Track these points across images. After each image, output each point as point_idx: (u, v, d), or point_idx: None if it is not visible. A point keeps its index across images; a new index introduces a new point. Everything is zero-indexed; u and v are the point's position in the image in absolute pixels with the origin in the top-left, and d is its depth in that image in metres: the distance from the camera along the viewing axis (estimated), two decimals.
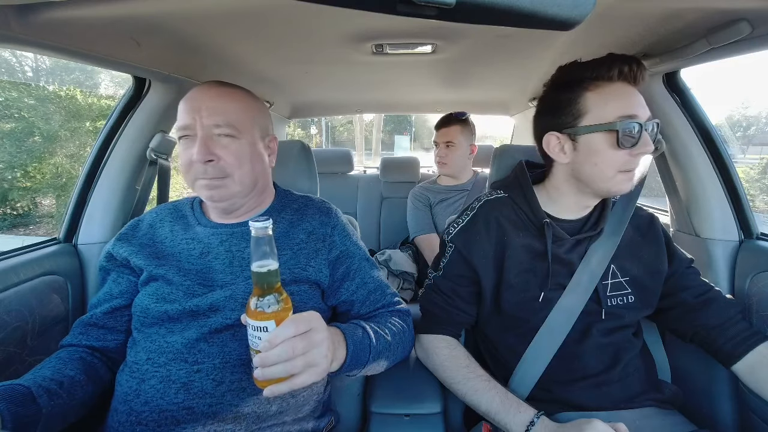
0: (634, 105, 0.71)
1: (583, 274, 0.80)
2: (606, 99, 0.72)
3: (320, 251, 0.80)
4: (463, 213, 0.90)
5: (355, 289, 0.82)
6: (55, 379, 0.66)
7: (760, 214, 5.46)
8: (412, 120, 22.38)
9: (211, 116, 0.72)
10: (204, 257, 0.76)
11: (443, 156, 1.80)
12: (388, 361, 0.77)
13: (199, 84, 0.77)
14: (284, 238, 0.79)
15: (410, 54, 1.07)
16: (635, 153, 0.71)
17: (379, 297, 0.83)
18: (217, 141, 0.73)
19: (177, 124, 0.75)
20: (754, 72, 33.36)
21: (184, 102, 0.75)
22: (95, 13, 0.67)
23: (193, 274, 0.74)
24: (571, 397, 0.78)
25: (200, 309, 0.71)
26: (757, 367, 0.75)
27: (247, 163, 0.75)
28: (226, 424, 0.67)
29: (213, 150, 0.72)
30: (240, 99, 0.77)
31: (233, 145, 0.73)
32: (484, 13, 0.38)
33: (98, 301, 0.79)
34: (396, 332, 0.78)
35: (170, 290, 0.73)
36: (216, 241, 0.77)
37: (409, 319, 0.86)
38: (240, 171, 0.74)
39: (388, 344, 0.75)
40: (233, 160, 0.73)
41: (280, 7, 0.75)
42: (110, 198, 1.07)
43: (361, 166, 3.51)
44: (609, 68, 0.72)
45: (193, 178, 0.74)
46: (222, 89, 0.76)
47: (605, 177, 0.74)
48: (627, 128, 0.70)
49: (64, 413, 0.65)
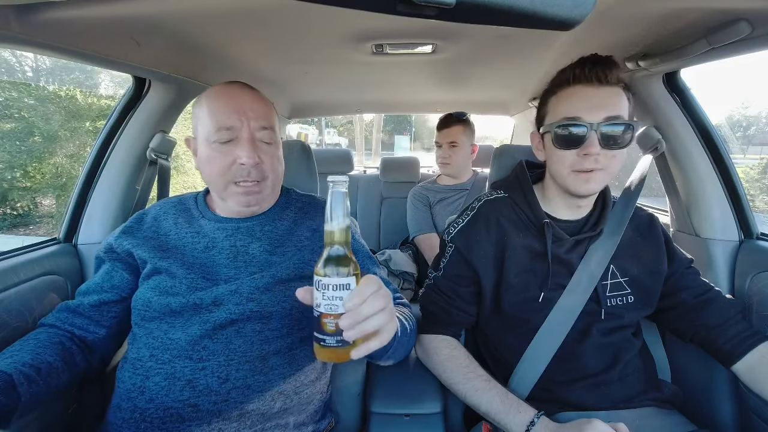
0: (579, 107, 0.73)
1: (582, 274, 0.80)
2: (558, 102, 0.77)
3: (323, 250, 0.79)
4: (463, 213, 0.90)
5: None
6: (33, 365, 0.65)
7: (760, 214, 5.46)
8: (412, 120, 22.39)
9: (257, 119, 0.73)
10: (208, 251, 0.76)
11: (447, 156, 1.80)
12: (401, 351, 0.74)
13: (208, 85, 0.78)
14: (288, 235, 0.80)
15: (410, 54, 1.07)
16: (582, 153, 0.73)
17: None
18: (259, 144, 0.74)
19: (215, 124, 0.72)
20: (755, 72, 33.43)
21: (215, 99, 0.73)
22: (95, 13, 0.67)
23: (197, 268, 0.74)
24: (571, 397, 0.78)
25: (203, 303, 0.70)
26: (757, 367, 0.75)
27: (279, 165, 0.79)
28: (231, 423, 0.67)
29: (258, 152, 0.73)
30: (269, 103, 0.78)
31: (271, 149, 0.76)
32: (484, 13, 0.38)
33: (87, 290, 0.78)
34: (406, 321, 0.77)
35: (173, 283, 0.72)
36: (221, 236, 0.77)
37: (411, 314, 0.85)
38: (273, 174, 0.77)
39: (405, 329, 0.73)
40: (271, 163, 0.75)
41: (280, 7, 0.75)
42: (110, 198, 1.07)
43: (361, 166, 3.51)
44: (567, 72, 0.76)
45: (229, 181, 0.74)
46: (255, 92, 0.77)
47: (561, 175, 0.78)
48: (564, 130, 0.74)
49: (37, 401, 0.64)
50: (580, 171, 0.74)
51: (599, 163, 0.73)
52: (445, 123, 1.80)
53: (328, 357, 0.53)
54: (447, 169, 1.84)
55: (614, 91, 0.74)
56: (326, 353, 0.53)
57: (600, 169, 0.74)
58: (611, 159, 0.74)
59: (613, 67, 0.73)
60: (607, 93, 0.73)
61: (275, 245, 0.78)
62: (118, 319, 0.78)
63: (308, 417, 0.76)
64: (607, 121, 0.72)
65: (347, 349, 0.53)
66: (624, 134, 0.73)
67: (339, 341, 0.52)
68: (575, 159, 0.74)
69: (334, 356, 0.53)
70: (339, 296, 0.51)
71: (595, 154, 0.72)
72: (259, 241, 0.77)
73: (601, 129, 0.72)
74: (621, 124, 0.72)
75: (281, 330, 0.73)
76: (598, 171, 0.74)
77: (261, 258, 0.76)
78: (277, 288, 0.73)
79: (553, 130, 0.76)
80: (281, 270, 0.75)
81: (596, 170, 0.74)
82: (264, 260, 0.76)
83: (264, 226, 0.79)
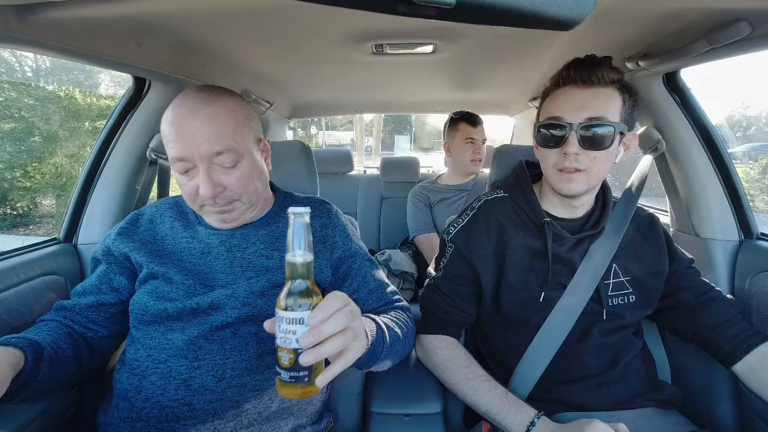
0: (562, 108, 0.75)
1: (585, 273, 0.80)
2: (548, 102, 0.80)
3: (322, 252, 0.80)
4: (463, 213, 0.90)
5: (357, 287, 0.81)
6: (54, 347, 0.65)
7: (760, 214, 5.46)
8: (412, 120, 22.39)
9: (210, 144, 0.65)
10: (205, 257, 0.75)
11: (481, 153, 1.77)
12: (397, 355, 0.74)
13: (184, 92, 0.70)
14: (284, 239, 0.79)
15: (410, 54, 1.07)
16: (562, 153, 0.75)
17: (380, 296, 0.83)
18: (220, 169, 0.68)
19: (169, 153, 0.68)
20: (755, 72, 33.40)
21: (170, 125, 0.67)
22: (95, 13, 0.67)
23: (194, 274, 0.74)
24: (572, 398, 0.78)
25: (201, 307, 0.71)
26: (757, 368, 0.75)
27: (253, 182, 0.72)
28: (227, 422, 0.66)
29: (218, 181, 0.68)
30: (230, 110, 0.69)
31: (237, 172, 0.69)
32: (484, 13, 0.38)
33: (84, 291, 0.78)
34: (402, 326, 0.77)
35: (170, 289, 0.72)
36: (216, 241, 0.77)
37: (410, 316, 0.84)
38: (247, 193, 0.72)
39: (397, 336, 0.73)
40: (239, 185, 0.70)
41: (280, 7, 0.75)
42: (110, 198, 1.07)
43: (361, 166, 3.51)
44: (558, 74, 0.78)
45: (200, 205, 0.72)
46: (210, 108, 0.67)
47: (547, 174, 0.81)
48: (544, 130, 0.77)
49: (44, 388, 0.64)
50: (562, 170, 0.76)
51: (580, 163, 0.74)
52: (476, 120, 1.78)
53: (285, 392, 0.51)
54: (478, 166, 1.80)
55: (601, 92, 0.74)
56: (282, 388, 0.51)
57: (582, 170, 0.74)
58: (593, 160, 0.74)
59: (600, 68, 0.73)
60: (592, 94, 0.74)
61: (270, 249, 0.78)
62: (114, 320, 0.78)
63: (307, 418, 0.76)
64: (588, 122, 0.72)
65: (304, 386, 0.50)
66: (605, 135, 0.73)
67: (292, 377, 0.50)
68: (557, 158, 0.76)
69: (289, 392, 0.51)
70: (293, 330, 0.50)
71: (573, 153, 0.73)
72: (255, 245, 0.77)
73: (581, 129, 0.72)
74: (603, 125, 0.72)
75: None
76: (580, 172, 0.75)
77: (257, 262, 0.76)
78: (272, 292, 0.73)
79: (537, 129, 0.79)
80: (277, 274, 0.75)
81: (579, 171, 0.74)
82: (260, 265, 0.76)
83: (259, 231, 0.79)
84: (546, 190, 0.85)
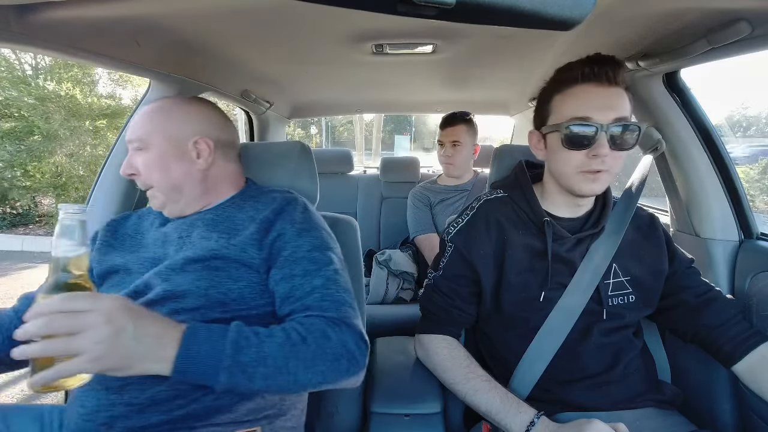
0: (589, 107, 0.72)
1: (585, 273, 0.80)
2: (564, 100, 0.75)
3: (252, 232, 0.75)
4: (463, 213, 0.90)
5: (279, 279, 0.71)
6: None
7: (760, 215, 5.45)
8: (412, 120, 22.37)
9: (132, 132, 0.78)
10: (163, 245, 0.79)
11: (450, 156, 1.78)
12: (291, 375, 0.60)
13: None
14: (226, 221, 0.78)
15: (410, 54, 1.08)
16: (591, 155, 0.72)
17: (305, 299, 0.69)
18: (135, 153, 0.78)
19: None
20: (754, 72, 33.01)
21: None
22: (95, 13, 0.67)
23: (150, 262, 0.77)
24: (571, 398, 0.78)
25: (138, 288, 0.73)
26: (758, 368, 0.75)
27: (157, 172, 0.77)
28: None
29: (132, 162, 0.78)
30: (154, 114, 0.79)
31: (143, 156, 0.78)
32: (484, 13, 0.38)
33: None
34: (299, 340, 0.62)
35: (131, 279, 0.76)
36: (171, 229, 0.80)
37: (346, 333, 0.67)
38: (156, 182, 0.78)
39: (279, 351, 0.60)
40: (146, 173, 0.77)
41: (279, 7, 0.75)
42: (111, 197, 1.07)
43: (361, 166, 3.51)
44: (574, 70, 0.74)
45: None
46: (153, 105, 0.80)
47: (566, 175, 0.77)
48: (574, 130, 0.72)
49: None
50: (588, 172, 0.74)
51: (606, 164, 0.73)
52: (448, 122, 1.79)
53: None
54: (450, 169, 1.82)
55: (621, 92, 0.73)
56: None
57: (606, 170, 0.73)
58: (616, 160, 0.74)
59: (620, 67, 0.73)
60: (615, 93, 0.73)
61: (211, 230, 0.77)
62: None
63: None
64: (616, 122, 0.71)
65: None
66: (632, 136, 0.73)
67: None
68: (583, 160, 0.73)
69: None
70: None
71: (603, 155, 0.71)
72: (199, 228, 0.78)
73: (611, 130, 0.71)
74: (629, 126, 0.72)
75: (197, 310, 0.70)
76: (604, 172, 0.73)
77: (198, 244, 0.75)
78: (189, 267, 0.72)
79: (561, 129, 0.73)
80: (209, 252, 0.73)
81: (603, 171, 0.73)
82: (200, 246, 0.75)
83: (206, 215, 0.80)
84: (549, 189, 0.85)
